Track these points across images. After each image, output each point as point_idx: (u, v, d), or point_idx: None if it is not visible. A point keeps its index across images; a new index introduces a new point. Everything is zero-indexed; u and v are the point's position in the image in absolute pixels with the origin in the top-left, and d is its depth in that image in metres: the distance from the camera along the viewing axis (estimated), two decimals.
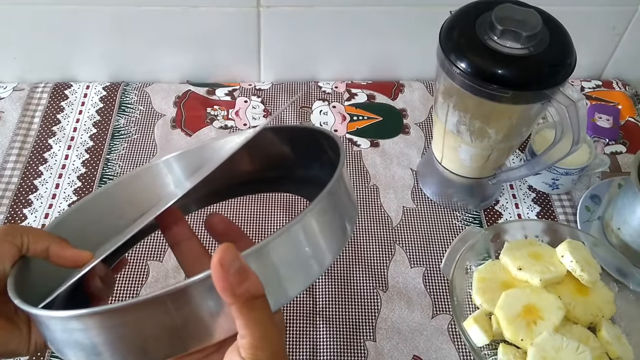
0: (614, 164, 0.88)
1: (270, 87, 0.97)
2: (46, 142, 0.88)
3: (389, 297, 0.73)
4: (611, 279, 0.71)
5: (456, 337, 0.70)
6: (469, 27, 0.64)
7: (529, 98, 0.64)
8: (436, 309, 0.72)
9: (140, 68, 0.96)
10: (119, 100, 0.94)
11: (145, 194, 0.54)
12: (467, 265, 0.71)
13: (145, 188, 0.54)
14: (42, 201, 0.80)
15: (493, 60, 0.62)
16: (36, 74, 0.96)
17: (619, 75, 1.02)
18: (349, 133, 0.91)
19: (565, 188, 0.84)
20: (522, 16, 0.63)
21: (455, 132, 0.71)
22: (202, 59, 0.96)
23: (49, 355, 0.67)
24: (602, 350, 0.64)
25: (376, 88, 0.98)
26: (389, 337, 0.70)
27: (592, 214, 0.81)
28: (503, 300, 0.66)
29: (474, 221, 0.81)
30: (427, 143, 0.90)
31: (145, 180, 0.54)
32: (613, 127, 0.92)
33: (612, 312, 0.68)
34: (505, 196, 0.84)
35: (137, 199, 0.53)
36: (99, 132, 0.89)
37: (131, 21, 0.89)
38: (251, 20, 0.89)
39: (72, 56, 0.94)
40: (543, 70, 0.63)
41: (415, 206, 0.82)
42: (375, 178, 0.85)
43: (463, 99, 0.67)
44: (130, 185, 0.54)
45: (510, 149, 0.75)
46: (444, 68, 0.66)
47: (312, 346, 0.69)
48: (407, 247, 0.78)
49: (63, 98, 0.94)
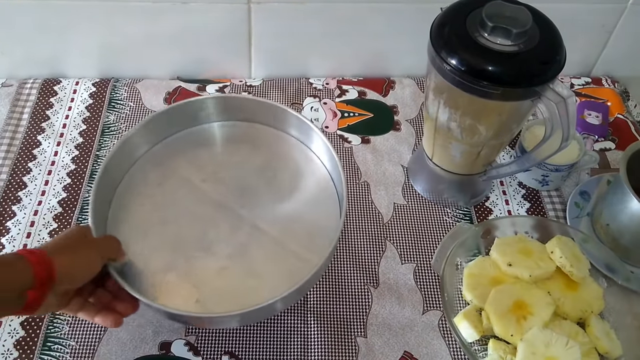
0: (603, 160, 0.88)
1: (261, 84, 0.97)
2: (35, 139, 0.87)
3: (379, 293, 0.73)
4: (600, 275, 0.71)
5: (447, 332, 0.70)
6: (459, 24, 0.64)
7: (519, 95, 0.64)
8: (427, 305, 0.73)
9: (130, 64, 0.96)
10: (108, 97, 0.93)
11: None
12: (457, 261, 0.72)
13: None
14: (31, 198, 0.80)
15: (483, 57, 0.62)
16: (25, 69, 0.95)
17: (609, 72, 1.03)
18: (339, 129, 0.91)
19: (555, 184, 0.84)
20: (513, 13, 0.63)
21: (445, 128, 0.72)
22: (192, 54, 0.95)
23: (38, 352, 0.66)
24: (591, 345, 0.65)
25: (367, 84, 0.98)
26: (379, 333, 0.70)
27: (582, 210, 0.81)
28: (493, 296, 0.67)
29: (465, 217, 0.81)
30: (418, 139, 0.90)
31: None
32: (602, 123, 0.93)
33: (601, 308, 0.69)
34: (496, 192, 0.85)
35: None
36: (89, 128, 0.89)
37: (121, 17, 0.88)
38: (242, 16, 0.89)
39: (61, 52, 0.94)
40: (533, 67, 0.63)
41: (406, 202, 0.83)
42: (366, 174, 0.85)
43: (454, 96, 0.67)
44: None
45: (500, 146, 0.75)
46: (435, 65, 0.66)
47: (303, 342, 0.69)
48: (397, 244, 0.78)
49: (52, 94, 0.93)
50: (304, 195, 0.70)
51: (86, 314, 0.58)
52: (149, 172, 0.71)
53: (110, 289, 0.60)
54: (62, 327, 0.69)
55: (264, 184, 0.71)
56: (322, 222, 0.68)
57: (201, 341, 0.68)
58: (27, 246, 0.75)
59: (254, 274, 0.64)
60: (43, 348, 0.67)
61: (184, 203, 0.69)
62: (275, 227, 0.67)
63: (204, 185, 0.70)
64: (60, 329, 0.68)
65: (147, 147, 0.72)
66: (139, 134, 0.70)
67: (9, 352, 0.66)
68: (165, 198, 0.69)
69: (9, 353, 0.66)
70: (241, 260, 0.65)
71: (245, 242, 0.66)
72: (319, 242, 0.65)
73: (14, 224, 0.77)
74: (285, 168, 0.72)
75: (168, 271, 0.64)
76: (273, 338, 0.69)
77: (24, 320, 0.69)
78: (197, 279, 0.63)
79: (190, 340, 0.68)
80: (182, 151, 0.73)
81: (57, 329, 0.68)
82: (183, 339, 0.68)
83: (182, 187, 0.70)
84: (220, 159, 0.73)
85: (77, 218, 0.78)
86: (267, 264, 0.65)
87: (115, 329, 0.68)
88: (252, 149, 0.74)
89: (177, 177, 0.70)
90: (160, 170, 0.71)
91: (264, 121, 0.75)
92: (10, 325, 0.68)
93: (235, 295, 0.62)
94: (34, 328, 0.68)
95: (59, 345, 0.67)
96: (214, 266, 0.64)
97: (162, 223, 0.67)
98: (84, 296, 0.58)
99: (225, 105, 0.74)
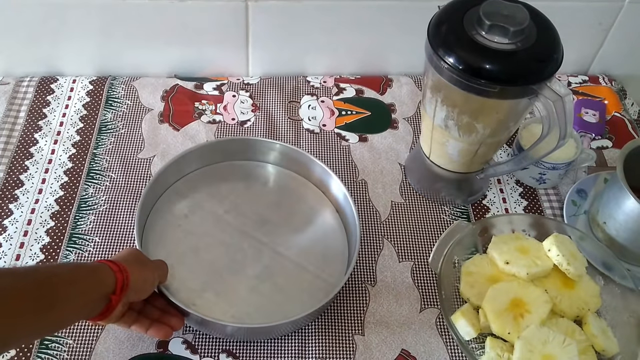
0: (600, 158, 0.89)
1: (259, 82, 0.97)
2: (32, 137, 0.87)
3: (377, 291, 0.73)
4: (597, 273, 0.72)
5: (444, 330, 0.71)
6: (457, 22, 0.64)
7: (517, 93, 0.64)
8: (424, 303, 0.73)
9: (127, 62, 0.96)
10: (105, 95, 0.93)
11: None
12: (454, 259, 0.72)
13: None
14: (28, 196, 0.80)
15: (481, 56, 0.62)
16: (22, 67, 0.95)
17: (606, 71, 1.03)
18: (337, 128, 0.91)
19: (552, 183, 0.84)
20: (510, 11, 0.63)
21: (443, 127, 0.72)
22: (190, 53, 0.95)
23: (36, 351, 0.66)
24: (587, 343, 0.65)
25: (364, 83, 0.98)
26: (377, 331, 0.70)
27: (579, 208, 0.81)
28: (490, 294, 0.67)
29: (462, 216, 0.82)
30: (416, 138, 0.90)
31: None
32: (599, 122, 0.93)
33: (598, 306, 0.69)
34: (493, 191, 0.85)
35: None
36: (86, 126, 0.89)
37: (118, 14, 0.88)
38: (239, 14, 0.89)
39: (58, 50, 0.93)
40: (530, 65, 0.63)
41: (403, 201, 0.83)
42: (364, 173, 0.85)
43: (451, 94, 0.67)
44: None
45: (497, 144, 0.75)
46: (432, 63, 0.66)
47: (300, 340, 0.69)
48: (395, 242, 0.78)
49: (49, 92, 0.93)
50: (317, 226, 0.78)
51: (139, 327, 0.62)
52: (175, 203, 0.78)
53: (158, 306, 0.65)
54: None
55: (280, 217, 0.78)
56: (334, 247, 0.76)
57: (199, 340, 0.68)
58: (24, 244, 0.74)
59: (280, 292, 0.71)
60: (40, 346, 0.67)
61: (211, 232, 0.76)
62: (293, 252, 0.75)
63: (227, 216, 0.77)
64: None
65: (172, 181, 0.80)
66: (170, 169, 0.77)
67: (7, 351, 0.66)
68: (194, 227, 0.76)
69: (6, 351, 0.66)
70: (267, 280, 0.72)
71: (269, 264, 0.73)
72: (332, 264, 0.74)
73: (11, 222, 0.77)
74: (298, 204, 0.80)
75: (204, 291, 0.70)
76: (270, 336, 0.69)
77: None
78: (230, 297, 0.70)
79: (188, 339, 0.68)
80: (203, 185, 0.80)
81: None
82: (181, 337, 0.68)
83: (208, 217, 0.77)
84: (239, 193, 0.81)
85: (75, 217, 0.78)
86: (290, 283, 0.72)
87: (112, 328, 0.68)
88: (264, 185, 0.82)
89: (201, 209, 0.78)
90: (185, 202, 0.78)
91: (274, 161, 0.83)
92: None
93: (266, 310, 0.69)
94: None
95: (56, 344, 0.67)
96: (244, 286, 0.71)
97: (193, 249, 0.74)
98: (136, 311, 0.63)
99: (242, 146, 0.82)
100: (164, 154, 0.86)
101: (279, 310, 0.69)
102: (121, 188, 0.82)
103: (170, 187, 0.79)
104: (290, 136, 0.89)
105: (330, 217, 0.79)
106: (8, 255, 0.74)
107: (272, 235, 0.76)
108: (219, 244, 0.75)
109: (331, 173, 0.77)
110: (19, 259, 0.73)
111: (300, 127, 0.91)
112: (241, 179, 0.82)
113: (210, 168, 0.82)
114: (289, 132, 0.90)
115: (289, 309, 0.66)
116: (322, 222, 0.78)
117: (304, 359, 0.67)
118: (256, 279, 0.72)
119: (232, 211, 0.78)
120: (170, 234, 0.75)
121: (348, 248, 0.75)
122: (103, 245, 0.76)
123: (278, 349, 0.68)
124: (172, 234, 0.75)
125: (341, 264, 0.72)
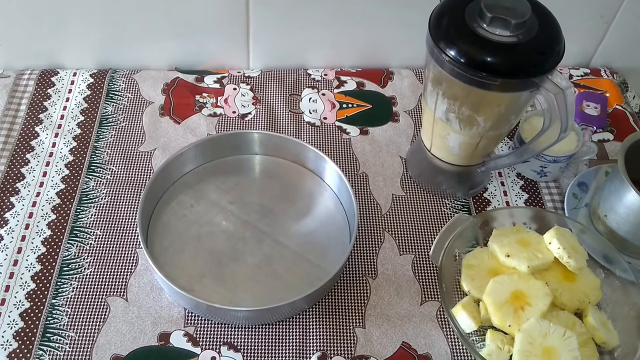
0: (601, 151, 0.88)
1: (260, 75, 0.97)
2: (33, 130, 0.87)
3: (378, 284, 0.74)
4: (598, 266, 0.72)
5: (445, 323, 0.71)
6: (458, 14, 0.64)
7: (518, 86, 0.64)
8: (425, 296, 0.73)
9: (128, 55, 0.95)
10: (106, 88, 0.93)
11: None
12: (455, 252, 0.72)
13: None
14: (29, 189, 0.80)
15: (482, 48, 0.62)
16: (22, 61, 0.95)
17: (607, 64, 1.02)
18: (338, 121, 0.91)
19: (553, 175, 0.84)
20: (511, 4, 0.63)
21: (444, 120, 0.72)
22: (190, 46, 0.95)
23: (38, 343, 0.67)
24: (588, 336, 0.65)
25: (365, 75, 0.97)
26: (378, 324, 0.70)
27: (580, 201, 0.81)
28: (491, 286, 0.67)
29: (463, 208, 0.82)
30: (416, 131, 0.90)
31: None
32: (601, 115, 0.93)
33: (599, 298, 0.69)
34: (494, 184, 0.85)
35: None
36: (87, 119, 0.89)
37: (119, 7, 0.88)
38: (240, 7, 0.89)
39: (59, 43, 0.93)
40: (532, 58, 0.63)
41: (404, 194, 0.83)
42: (365, 166, 0.85)
43: (452, 87, 0.67)
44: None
45: (499, 137, 0.75)
46: (433, 56, 0.66)
47: (301, 333, 0.69)
48: (396, 235, 0.78)
49: (50, 85, 0.93)
50: (317, 216, 0.79)
51: None
52: (182, 195, 0.80)
53: None
54: (62, 318, 0.69)
55: (282, 207, 0.80)
56: (333, 236, 0.77)
57: (200, 332, 0.69)
58: (26, 237, 0.75)
59: (279, 279, 0.73)
60: (42, 339, 0.67)
61: (215, 221, 0.78)
62: (293, 241, 0.76)
63: (231, 207, 0.79)
64: (59, 320, 0.68)
65: (179, 174, 0.82)
66: (174, 162, 0.79)
67: (8, 343, 0.66)
68: (198, 217, 0.78)
69: (8, 344, 0.66)
70: (267, 268, 0.73)
71: (270, 253, 0.75)
72: (331, 253, 0.75)
73: (12, 216, 0.77)
74: (300, 194, 0.81)
75: (204, 277, 0.72)
76: (271, 329, 0.69)
77: (23, 311, 0.69)
78: (229, 284, 0.72)
79: (189, 331, 0.68)
80: (210, 178, 0.82)
81: (57, 320, 0.69)
82: (182, 329, 0.69)
83: (212, 208, 0.79)
84: (244, 185, 0.82)
85: (76, 210, 0.78)
86: (289, 271, 0.73)
87: (114, 321, 0.68)
88: (270, 178, 0.83)
89: (206, 200, 0.80)
90: (192, 193, 0.80)
91: (282, 155, 0.84)
92: (10, 316, 0.69)
93: (263, 296, 0.71)
94: (33, 319, 0.68)
95: (58, 337, 0.67)
96: (243, 273, 0.73)
97: (196, 237, 0.76)
98: None
99: (244, 140, 0.84)
100: (165, 147, 0.86)
101: (277, 297, 0.69)
102: (122, 181, 0.82)
103: (178, 180, 0.81)
104: (291, 129, 0.89)
105: (329, 202, 0.80)
106: (10, 248, 0.74)
107: (274, 225, 0.77)
108: (221, 233, 0.77)
109: (325, 157, 0.79)
110: (21, 252, 0.74)
111: (301, 120, 0.90)
112: (247, 171, 0.84)
113: (219, 162, 0.84)
114: (290, 125, 0.90)
115: (287, 296, 0.67)
116: (322, 210, 0.80)
117: (305, 351, 0.68)
118: (256, 267, 0.73)
119: (237, 202, 0.80)
120: (175, 223, 0.77)
121: (349, 236, 0.76)
122: (104, 238, 0.76)
123: (279, 341, 0.68)
124: (177, 223, 0.77)
125: (341, 254, 0.72)
